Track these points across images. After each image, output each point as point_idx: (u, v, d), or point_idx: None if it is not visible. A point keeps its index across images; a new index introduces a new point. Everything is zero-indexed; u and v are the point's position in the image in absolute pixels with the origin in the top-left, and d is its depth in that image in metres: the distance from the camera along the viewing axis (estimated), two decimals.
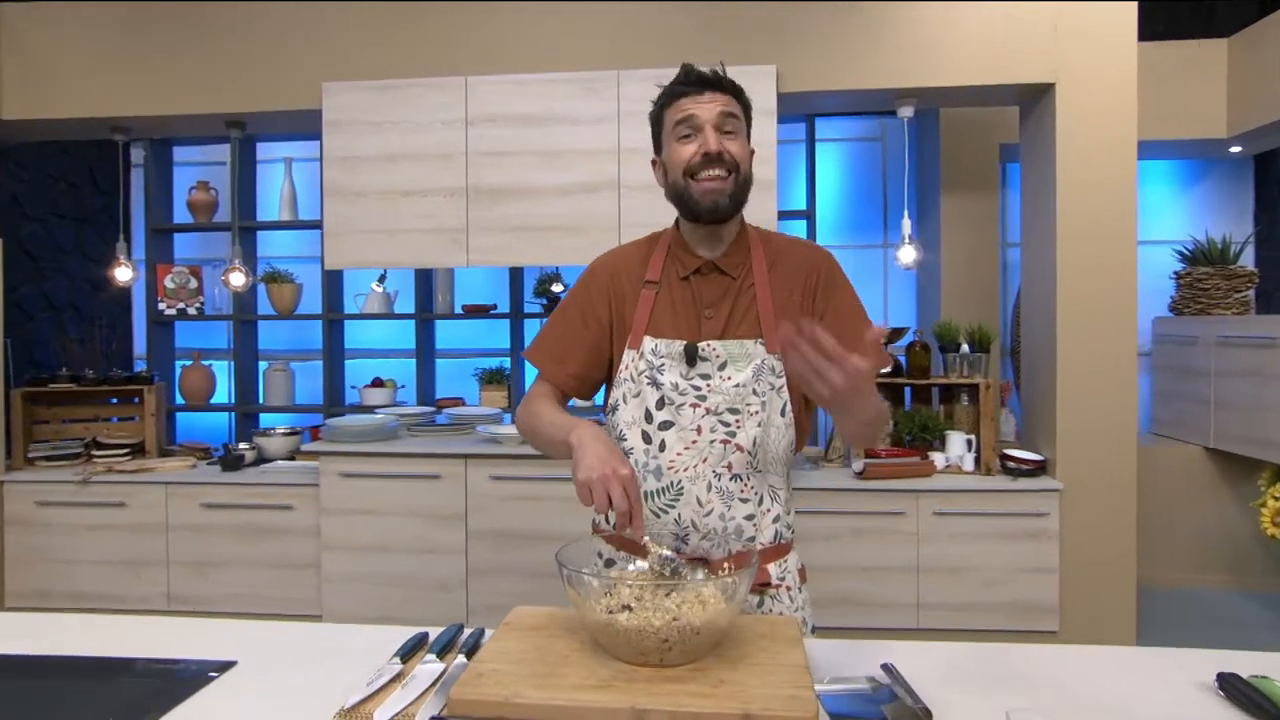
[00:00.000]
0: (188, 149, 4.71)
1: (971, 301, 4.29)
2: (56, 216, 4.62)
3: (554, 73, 3.40)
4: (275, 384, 4.41)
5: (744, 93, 1.42)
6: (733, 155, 1.36)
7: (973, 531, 3.24)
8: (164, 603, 3.50)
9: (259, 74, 3.58)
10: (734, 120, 1.38)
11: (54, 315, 4.59)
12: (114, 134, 3.87)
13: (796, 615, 1.43)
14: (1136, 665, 1.25)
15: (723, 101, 1.37)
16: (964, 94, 3.42)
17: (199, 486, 3.50)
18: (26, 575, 3.58)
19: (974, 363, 3.47)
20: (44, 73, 3.66)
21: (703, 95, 1.36)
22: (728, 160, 1.35)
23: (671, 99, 1.39)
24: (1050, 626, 3.25)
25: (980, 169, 4.32)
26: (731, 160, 1.36)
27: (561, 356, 1.47)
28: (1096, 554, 3.25)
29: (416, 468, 3.35)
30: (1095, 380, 3.26)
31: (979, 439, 3.41)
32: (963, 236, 4.34)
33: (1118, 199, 3.23)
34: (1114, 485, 3.25)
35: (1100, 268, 3.24)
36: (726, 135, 1.37)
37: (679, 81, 1.39)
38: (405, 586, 3.36)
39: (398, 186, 3.46)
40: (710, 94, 1.37)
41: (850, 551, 3.27)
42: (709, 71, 1.39)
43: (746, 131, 1.43)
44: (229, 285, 3.89)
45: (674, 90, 1.39)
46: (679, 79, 1.39)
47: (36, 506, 3.56)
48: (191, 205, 4.39)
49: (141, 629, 1.44)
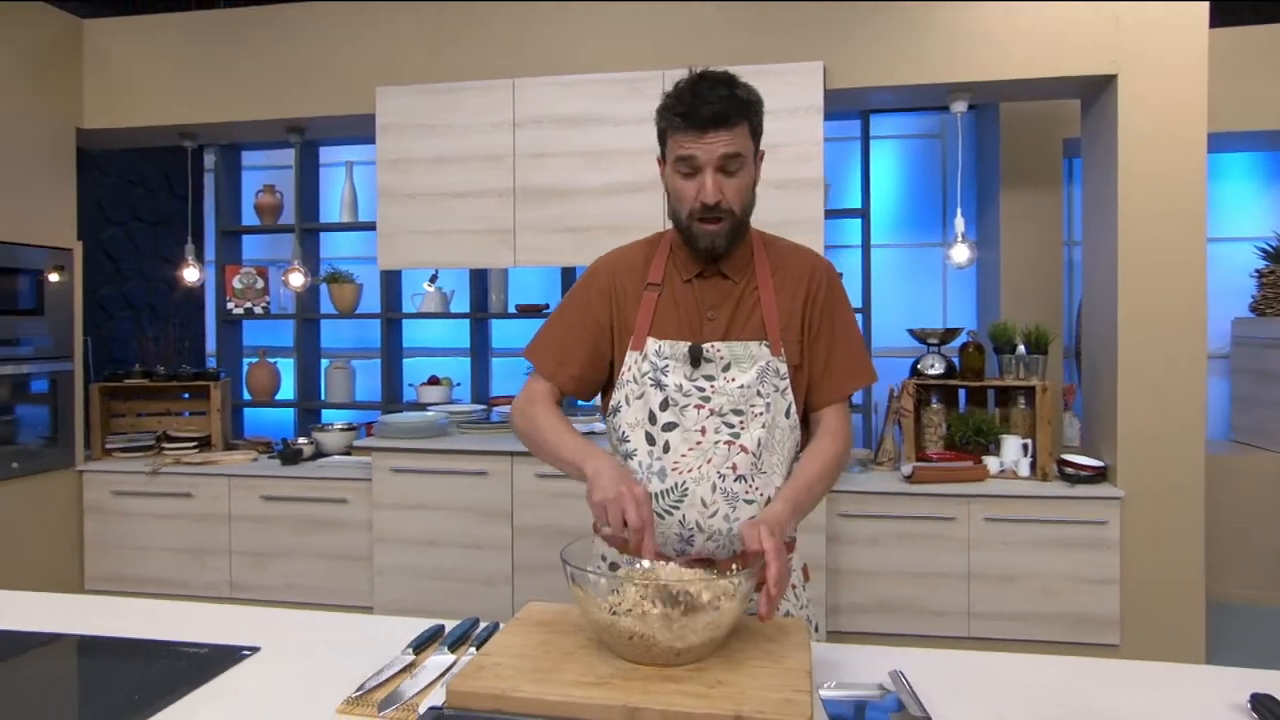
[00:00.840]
0: (256, 153, 4.90)
1: (1033, 301, 4.15)
2: (136, 220, 4.86)
3: (599, 73, 3.42)
4: (336, 381, 4.54)
5: (753, 109, 1.35)
6: (729, 200, 1.34)
7: (1027, 539, 3.14)
8: (227, 590, 3.65)
9: (316, 80, 3.70)
10: (736, 159, 1.33)
11: (132, 314, 4.82)
12: (183, 140, 4.06)
13: (802, 614, 1.41)
14: (1164, 680, 1.19)
15: (725, 140, 1.31)
16: (1020, 87, 3.31)
17: (259, 479, 3.63)
18: (104, 561, 3.77)
19: (1030, 365, 3.35)
20: (121, 83, 3.85)
21: (704, 135, 1.31)
22: (724, 207, 1.35)
23: (673, 129, 1.34)
24: (1111, 640, 3.12)
25: (1042, 164, 4.17)
26: (728, 207, 1.35)
27: (562, 357, 1.47)
28: (1161, 566, 3.11)
29: (465, 464, 3.41)
30: (1160, 383, 3.11)
31: (1035, 443, 3.29)
32: (1024, 234, 4.20)
33: (1185, 194, 3.08)
34: (1180, 494, 3.10)
35: (1166, 266, 3.10)
36: (727, 175, 1.34)
37: (680, 111, 1.32)
38: (453, 580, 3.43)
39: (447, 188, 3.53)
40: (713, 134, 1.31)
41: (897, 556, 3.21)
42: (710, 112, 1.30)
43: (755, 146, 1.38)
44: (289, 285, 4.03)
45: (675, 121, 1.33)
46: (682, 106, 1.32)
47: (112, 495, 3.75)
48: (258, 208, 4.57)
49: (181, 614, 1.50)
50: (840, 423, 1.43)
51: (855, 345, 1.47)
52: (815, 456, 1.39)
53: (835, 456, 1.39)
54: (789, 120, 3.24)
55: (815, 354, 1.44)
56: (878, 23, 3.28)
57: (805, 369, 1.43)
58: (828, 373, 1.44)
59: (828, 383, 1.44)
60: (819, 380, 1.44)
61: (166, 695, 1.13)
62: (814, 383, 1.44)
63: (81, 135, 3.89)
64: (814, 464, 1.37)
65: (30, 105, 3.61)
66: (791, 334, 1.42)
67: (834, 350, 1.44)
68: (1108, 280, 3.23)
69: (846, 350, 1.45)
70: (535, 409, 1.44)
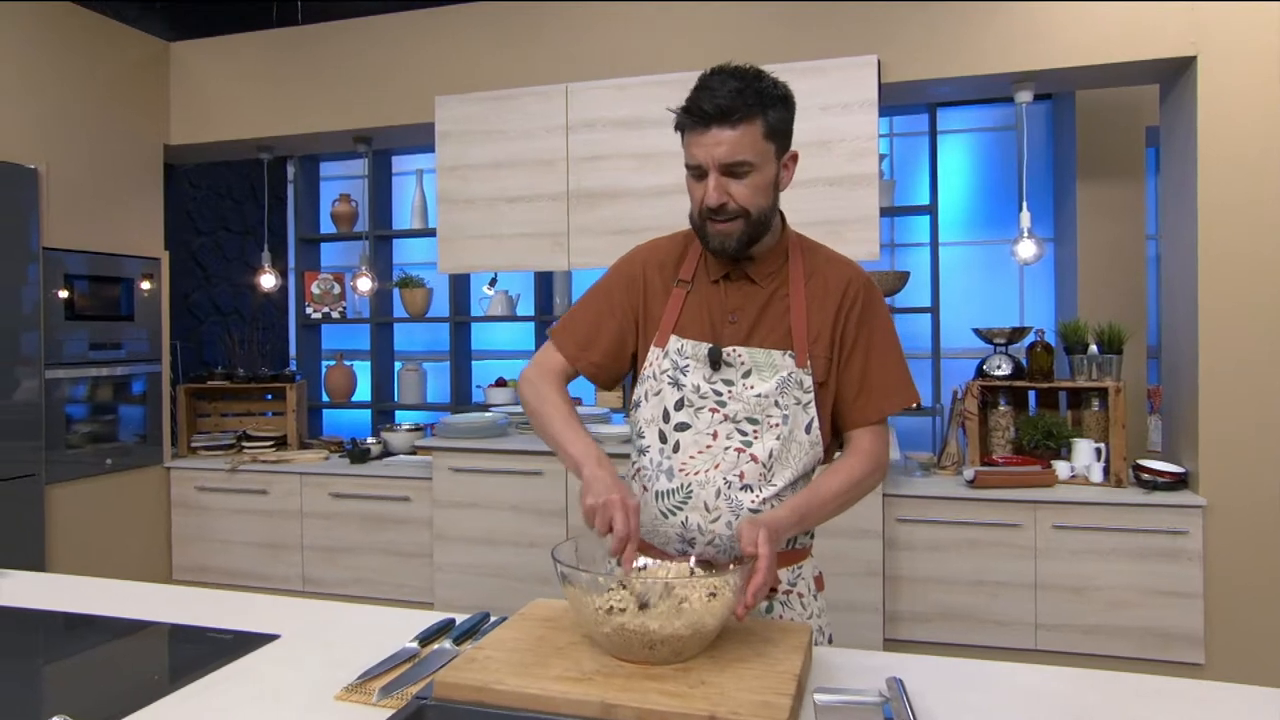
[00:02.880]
0: (333, 164, 5.11)
1: (1114, 298, 3.94)
2: (224, 229, 5.13)
3: (651, 75, 3.43)
4: (408, 383, 4.69)
5: (769, 109, 1.28)
6: (738, 203, 1.30)
7: (1098, 548, 2.98)
8: (299, 584, 3.81)
9: (380, 91, 3.83)
10: (741, 165, 1.28)
11: (220, 319, 5.09)
12: (259, 153, 4.26)
13: (811, 623, 1.37)
14: (1194, 697, 1.11)
15: (729, 142, 1.26)
16: (1090, 74, 3.15)
17: (329, 477, 3.78)
18: (190, 553, 4.00)
19: (1103, 365, 3.19)
20: (203, 101, 4.08)
21: (707, 133, 1.27)
22: (731, 209, 1.30)
23: (681, 128, 1.32)
24: (1194, 659, 2.93)
25: (1122, 154, 3.95)
26: (736, 208, 1.30)
27: (585, 342, 1.46)
28: (1249, 579, 2.90)
29: (520, 464, 3.47)
30: (1245, 384, 2.91)
31: (1109, 448, 3.13)
32: (1103, 228, 3.99)
33: (1270, 182, 2.87)
34: (1269, 502, 2.89)
35: (1250, 258, 2.90)
36: (733, 178, 1.29)
37: (687, 109, 1.29)
38: (508, 578, 3.48)
39: (504, 193, 3.60)
40: (715, 131, 1.26)
41: (959, 564, 3.09)
42: (714, 107, 1.25)
43: (776, 148, 1.32)
44: (357, 290, 4.19)
45: (683, 119, 1.30)
46: (690, 104, 1.29)
47: (196, 491, 3.97)
48: (335, 216, 4.76)
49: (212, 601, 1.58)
50: (874, 444, 1.38)
51: (893, 363, 1.40)
52: (838, 473, 1.34)
53: (861, 476, 1.34)
54: (842, 116, 3.18)
55: (849, 371, 1.38)
56: (934, 12, 3.18)
57: (832, 386, 1.37)
58: (863, 391, 1.38)
59: (864, 401, 1.38)
60: (854, 399, 1.38)
61: (185, 675, 1.20)
62: (849, 401, 1.38)
63: (168, 151, 4.14)
64: (834, 480, 1.32)
65: (121, 124, 3.86)
66: (820, 348, 1.36)
67: (870, 367, 1.38)
68: (1187, 274, 3.04)
69: (884, 368, 1.38)
70: (547, 386, 1.43)
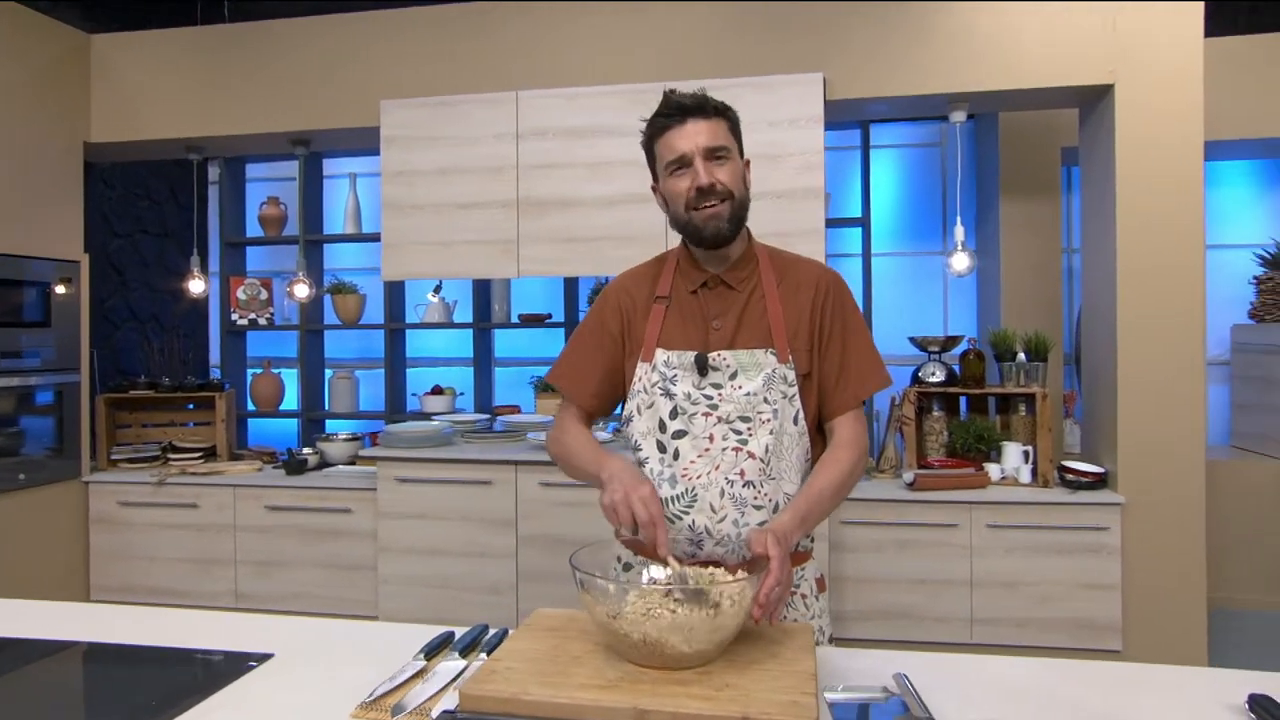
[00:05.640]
0: (260, 165, 4.94)
1: (1033, 308, 4.17)
2: (141, 232, 4.89)
3: (602, 85, 3.46)
4: (340, 391, 4.57)
5: (729, 110, 1.45)
6: (724, 184, 1.40)
7: (1029, 545, 3.15)
8: (232, 600, 3.67)
9: (322, 93, 3.74)
10: (721, 149, 1.41)
11: (138, 325, 4.85)
12: (189, 153, 4.10)
13: (812, 624, 1.43)
14: (1163, 683, 1.21)
15: (707, 129, 1.39)
16: (1019, 97, 3.34)
17: (264, 489, 3.65)
18: (110, 571, 3.79)
19: (1031, 372, 3.38)
20: (128, 97, 3.89)
21: (685, 125, 1.39)
22: (720, 190, 1.40)
23: (658, 131, 1.43)
24: (1113, 646, 3.13)
25: (1041, 173, 4.20)
26: (724, 189, 1.40)
27: (580, 378, 1.54)
28: (1162, 571, 3.12)
29: (469, 474, 3.43)
30: (1159, 390, 3.14)
31: (1036, 450, 3.31)
32: (1024, 242, 4.23)
33: (1183, 202, 3.11)
34: (1180, 500, 3.12)
35: (1164, 273, 3.12)
36: (716, 162, 1.40)
37: (661, 113, 1.42)
38: (458, 589, 3.44)
39: (452, 199, 3.56)
40: (694, 122, 1.39)
41: (900, 563, 3.22)
42: (689, 98, 1.41)
43: (738, 147, 1.46)
44: (293, 297, 4.07)
45: (659, 122, 1.42)
46: (661, 109, 1.42)
47: (118, 506, 3.77)
48: (262, 220, 4.60)
49: (194, 622, 1.53)
50: (855, 432, 1.45)
51: (866, 350, 1.48)
52: (828, 467, 1.40)
53: (850, 467, 1.41)
54: (790, 131, 3.28)
55: (828, 361, 1.45)
56: (877, 34, 3.31)
57: (815, 377, 1.45)
58: (841, 379, 1.45)
59: (842, 389, 1.45)
60: (833, 388, 1.45)
61: (184, 700, 1.15)
62: (828, 390, 1.45)
63: (89, 149, 3.93)
64: (827, 475, 1.39)
65: (38, 119, 3.65)
66: (800, 342, 1.43)
67: (847, 356, 1.46)
68: (1107, 288, 3.26)
69: (859, 355, 1.47)
70: (564, 434, 1.51)
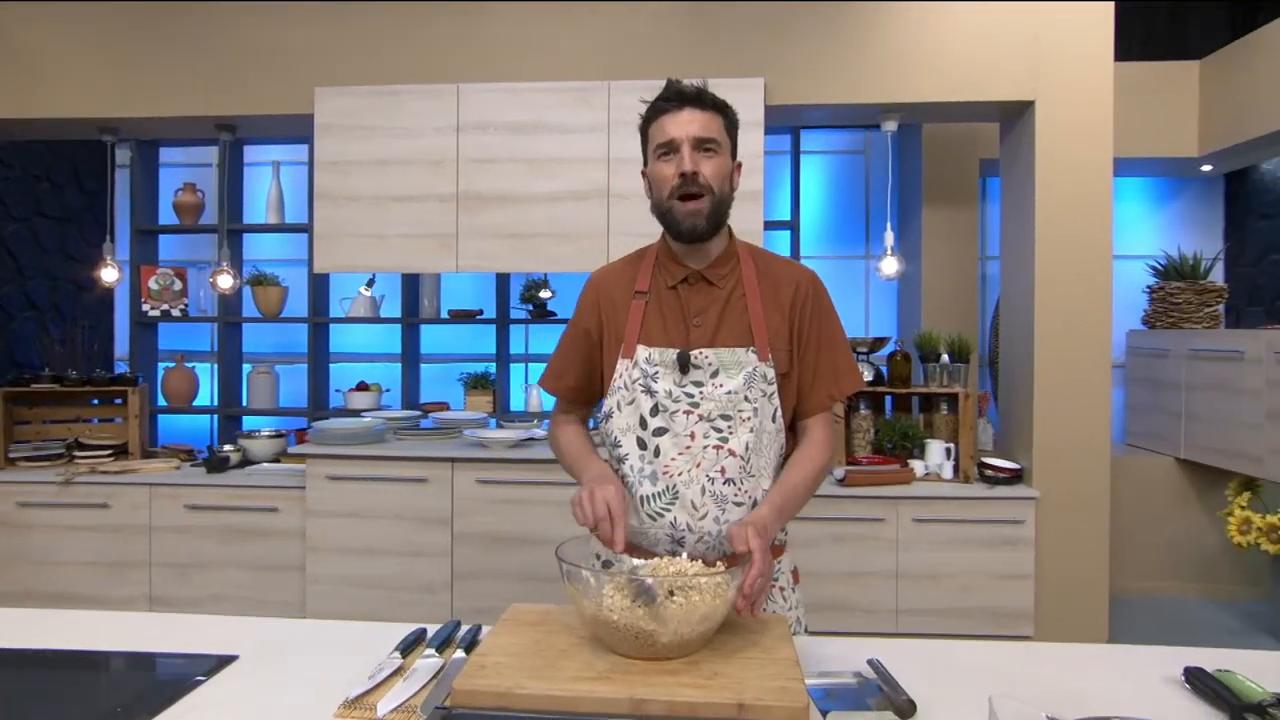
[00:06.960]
0: (174, 150, 4.71)
1: (951, 312, 4.38)
2: (40, 216, 4.59)
3: (546, 81, 3.45)
4: (259, 387, 4.40)
5: (728, 108, 1.45)
6: (707, 177, 1.39)
7: (951, 538, 3.30)
8: (145, 604, 3.49)
9: (251, 78, 3.59)
10: (711, 142, 1.40)
11: (36, 316, 4.56)
12: (102, 135, 3.87)
13: (791, 615, 1.47)
14: (1109, 660, 1.31)
15: (701, 120, 1.39)
16: (946, 110, 3.50)
17: (183, 488, 3.49)
18: (8, 576, 3.54)
19: (954, 373, 3.54)
20: (33, 72, 3.65)
21: (681, 112, 1.40)
22: (702, 182, 1.39)
23: (655, 115, 1.44)
24: (1025, 632, 3.32)
25: (961, 183, 4.41)
26: (706, 182, 1.39)
27: (559, 371, 1.59)
28: (1071, 561, 3.33)
29: (403, 471, 3.37)
30: (1071, 391, 3.34)
31: (958, 448, 3.48)
32: (943, 248, 4.43)
33: (1094, 215, 3.32)
34: (1088, 494, 3.33)
35: (1076, 281, 3.33)
36: (704, 153, 1.40)
37: (660, 97, 1.43)
38: (391, 588, 3.37)
39: (389, 191, 3.49)
40: (689, 111, 1.40)
41: (832, 557, 3.33)
42: (690, 88, 1.41)
43: (732, 147, 1.45)
44: (216, 288, 3.89)
45: (656, 105, 1.43)
46: (661, 94, 1.43)
47: (17, 507, 3.53)
48: (178, 207, 4.39)
49: (144, 624, 1.46)
50: (825, 432, 1.49)
51: (843, 351, 1.51)
52: (801, 464, 1.45)
53: (821, 464, 1.46)
54: None
55: (805, 362, 1.48)
56: (815, 42, 3.41)
57: (794, 377, 1.47)
58: (818, 379, 1.48)
59: (818, 389, 1.49)
60: (809, 388, 1.48)
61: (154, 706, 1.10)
62: (805, 390, 1.48)
63: None
64: (800, 471, 1.43)
65: None
66: (780, 341, 1.45)
67: (822, 356, 1.49)
68: (1025, 294, 3.45)
69: (834, 357, 1.50)
70: (556, 432, 1.59)
